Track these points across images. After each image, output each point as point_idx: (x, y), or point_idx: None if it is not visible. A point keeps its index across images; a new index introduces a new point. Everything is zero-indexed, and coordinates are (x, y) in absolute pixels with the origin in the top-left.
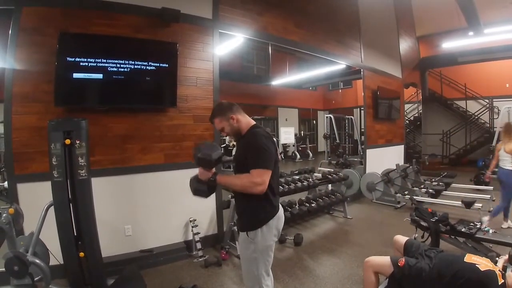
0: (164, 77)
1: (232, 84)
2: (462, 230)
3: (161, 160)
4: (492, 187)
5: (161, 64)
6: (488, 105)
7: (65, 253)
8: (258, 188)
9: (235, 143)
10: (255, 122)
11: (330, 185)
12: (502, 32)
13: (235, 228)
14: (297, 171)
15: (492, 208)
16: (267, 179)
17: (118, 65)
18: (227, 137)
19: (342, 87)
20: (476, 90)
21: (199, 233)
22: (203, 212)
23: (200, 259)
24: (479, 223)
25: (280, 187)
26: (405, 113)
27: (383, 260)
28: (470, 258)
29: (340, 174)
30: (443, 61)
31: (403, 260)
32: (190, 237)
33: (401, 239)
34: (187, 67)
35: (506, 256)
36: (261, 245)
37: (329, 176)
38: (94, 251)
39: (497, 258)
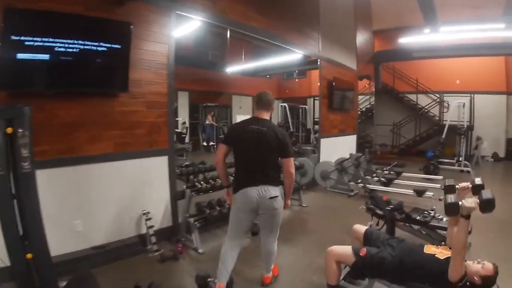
0: (116, 60)
1: (186, 70)
2: (417, 218)
3: (111, 149)
4: (441, 177)
5: (113, 45)
6: (438, 100)
7: (11, 255)
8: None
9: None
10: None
11: None
12: (457, 31)
13: (191, 220)
14: None
15: (441, 197)
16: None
17: (67, 45)
18: (182, 125)
19: (296, 76)
20: (427, 85)
21: (154, 226)
22: (157, 204)
23: (156, 254)
24: (433, 211)
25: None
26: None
27: (345, 250)
28: (429, 249)
29: (296, 163)
30: (398, 55)
31: (365, 250)
32: (144, 231)
33: (360, 228)
34: (141, 50)
35: (465, 184)
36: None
37: None
38: (43, 251)
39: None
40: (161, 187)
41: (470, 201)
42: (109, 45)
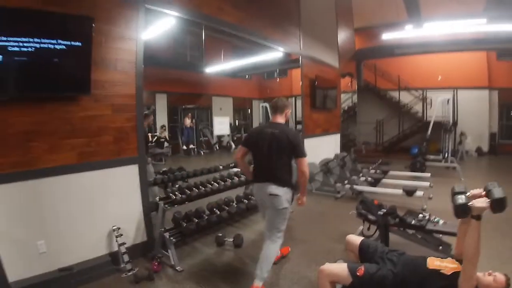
0: (76, 59)
1: (164, 71)
2: (412, 222)
3: (74, 160)
4: (429, 174)
5: (72, 43)
6: (420, 96)
7: None
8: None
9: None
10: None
11: None
12: (440, 27)
13: (167, 234)
14: (233, 164)
15: (431, 195)
16: None
17: (21, 44)
18: (161, 128)
19: (277, 76)
20: (409, 82)
21: (126, 243)
22: (129, 218)
23: (129, 273)
24: (428, 213)
25: (216, 184)
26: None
27: (340, 269)
28: (433, 263)
29: None
30: (381, 52)
31: (363, 269)
32: (116, 248)
33: (355, 240)
34: (105, 47)
35: (479, 191)
36: None
37: None
38: None
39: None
40: (132, 199)
41: (481, 201)
42: (69, 43)
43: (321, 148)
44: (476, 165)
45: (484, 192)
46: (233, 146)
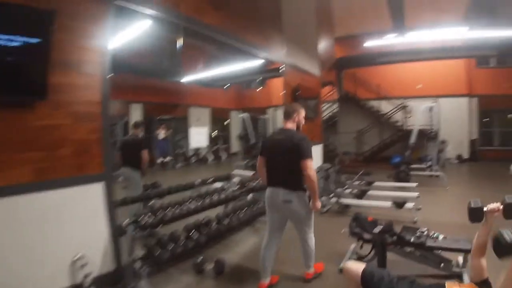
0: (32, 58)
1: (139, 80)
2: (412, 239)
3: (26, 178)
4: (415, 184)
5: (29, 39)
6: (400, 105)
7: None
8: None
9: None
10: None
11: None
12: (422, 35)
13: (138, 264)
14: (212, 179)
15: (420, 206)
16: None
17: None
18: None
19: (255, 86)
20: (390, 91)
21: (91, 273)
22: (94, 245)
23: None
24: (426, 229)
25: (194, 201)
26: None
27: None
28: None
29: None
30: (362, 61)
31: None
32: (80, 280)
33: (356, 268)
34: (67, 46)
35: (495, 207)
36: None
37: (249, 184)
38: None
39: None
40: (98, 222)
41: (493, 205)
42: (24, 39)
43: None
44: (458, 172)
45: (502, 206)
46: (211, 158)
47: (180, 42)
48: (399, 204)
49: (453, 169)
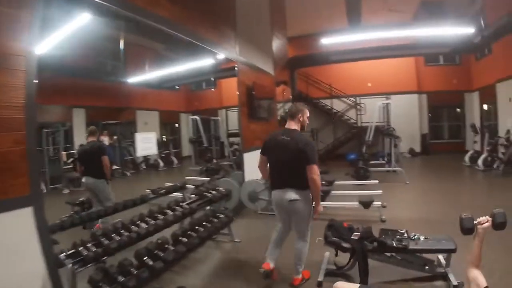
0: None
1: (82, 82)
2: (394, 244)
3: None
4: (377, 181)
5: None
6: (353, 103)
7: None
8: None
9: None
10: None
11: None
12: (375, 34)
13: None
14: (164, 191)
15: (385, 204)
16: None
17: None
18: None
19: (206, 87)
20: (342, 89)
21: None
22: (28, 283)
23: None
24: (405, 230)
25: (143, 224)
26: None
27: None
28: None
29: (221, 189)
30: (316, 59)
31: None
32: None
33: None
34: None
35: (484, 219)
36: None
37: (207, 194)
38: None
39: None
40: (29, 255)
41: (483, 218)
42: None
43: None
44: (413, 166)
45: (491, 218)
46: (161, 163)
47: (125, 39)
48: (366, 203)
49: (407, 163)
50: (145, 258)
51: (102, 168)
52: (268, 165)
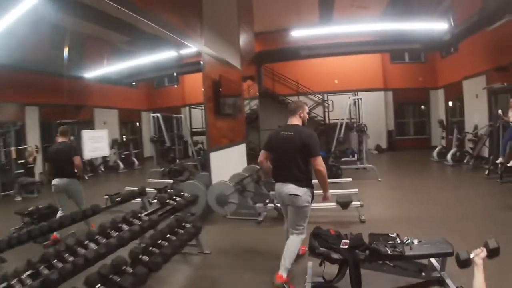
0: None
1: (35, 77)
2: (389, 252)
3: None
4: (350, 179)
5: None
6: (320, 100)
7: None
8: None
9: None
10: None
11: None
12: (345, 28)
13: None
14: (120, 198)
15: (362, 203)
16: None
17: None
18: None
19: (168, 84)
20: (309, 86)
21: None
22: None
23: None
24: (395, 234)
25: (92, 244)
26: None
27: None
28: None
29: (186, 194)
30: (284, 54)
31: None
32: None
33: None
34: None
35: (479, 251)
36: None
37: (171, 201)
38: None
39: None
40: None
41: (478, 250)
42: None
43: (230, 162)
44: (382, 163)
45: (486, 250)
46: (121, 165)
47: (83, 29)
48: (345, 203)
49: (375, 159)
50: (97, 286)
51: (73, 169)
52: (268, 161)
